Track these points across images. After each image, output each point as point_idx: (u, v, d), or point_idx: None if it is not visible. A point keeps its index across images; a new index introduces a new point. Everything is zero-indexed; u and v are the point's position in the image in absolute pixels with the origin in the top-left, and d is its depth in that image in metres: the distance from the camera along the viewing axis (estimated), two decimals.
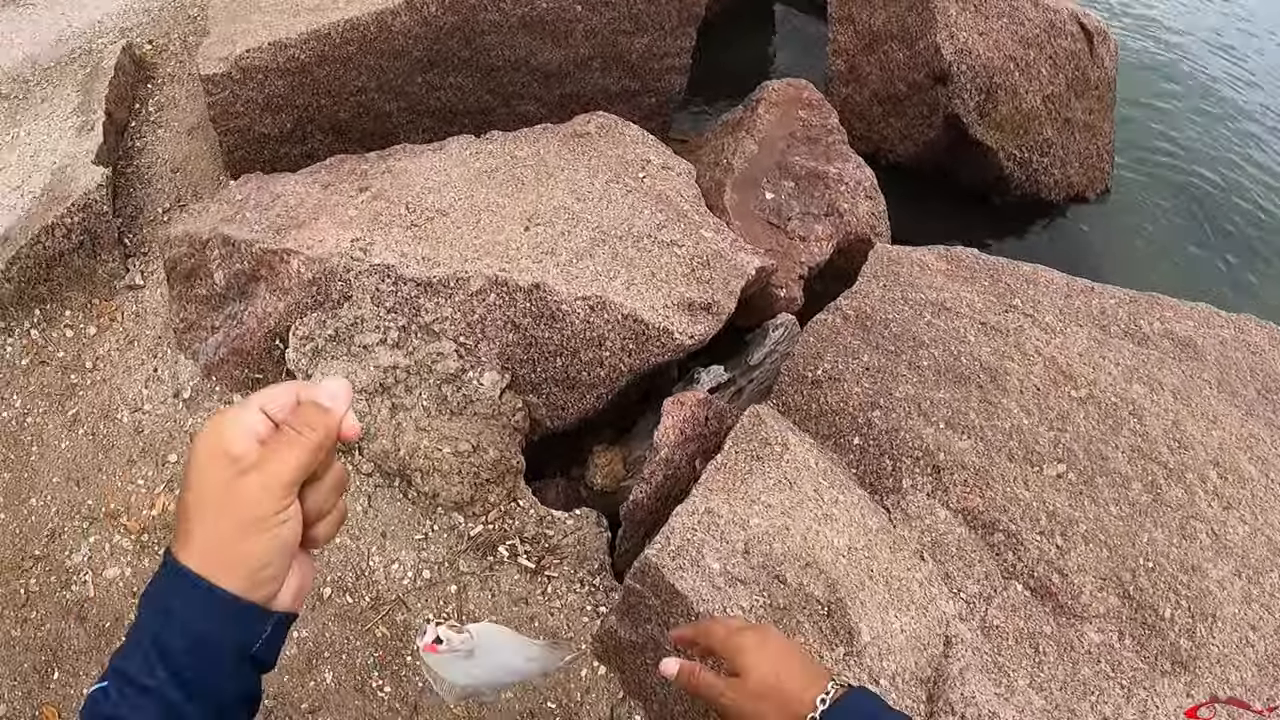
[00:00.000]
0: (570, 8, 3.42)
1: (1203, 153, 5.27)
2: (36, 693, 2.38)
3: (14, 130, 3.62)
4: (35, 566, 2.60)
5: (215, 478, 0.74)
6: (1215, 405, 2.43)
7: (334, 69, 3.24)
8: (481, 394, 2.45)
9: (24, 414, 2.94)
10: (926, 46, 4.20)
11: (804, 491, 2.04)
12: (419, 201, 2.73)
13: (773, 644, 1.15)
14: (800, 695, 1.08)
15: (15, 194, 3.32)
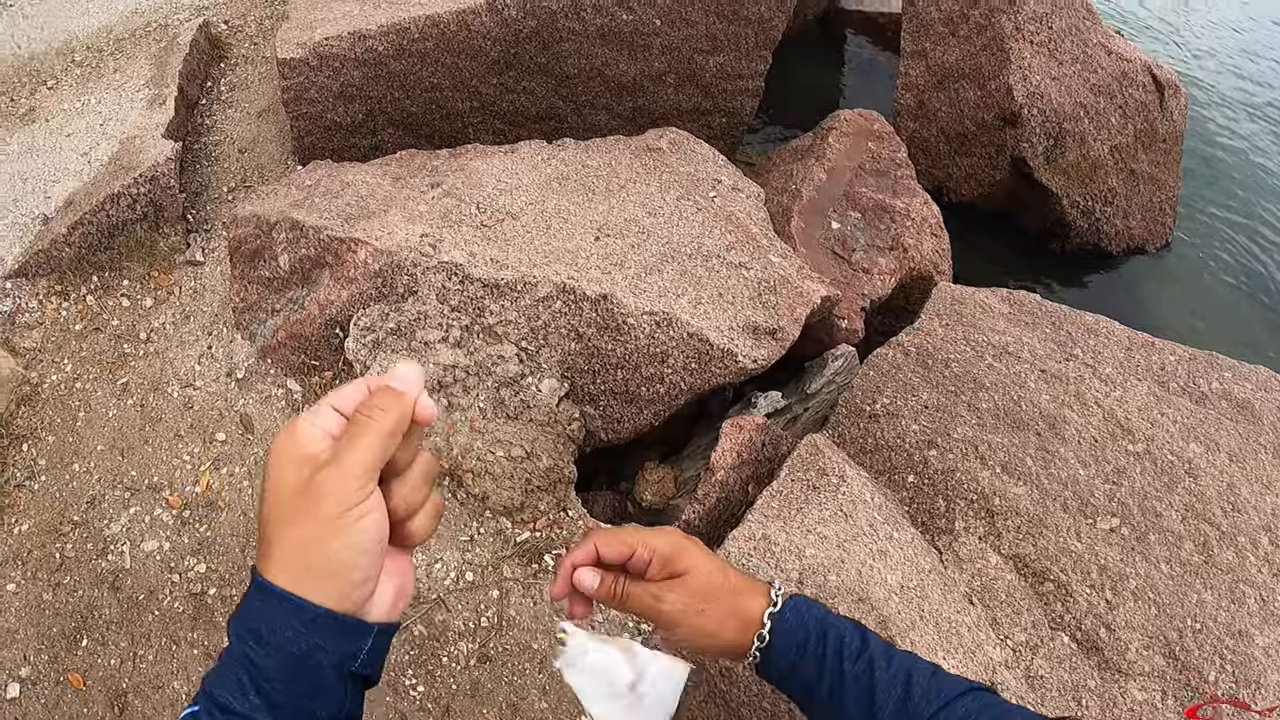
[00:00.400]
0: (649, 22, 3.47)
1: (1267, 214, 5.25)
2: (63, 658, 2.41)
3: (85, 98, 3.70)
4: (73, 532, 2.64)
5: (291, 481, 0.70)
6: (1270, 470, 2.43)
7: (410, 63, 3.29)
8: (539, 401, 2.48)
9: (73, 379, 2.99)
10: (998, 87, 4.22)
11: (859, 525, 2.06)
12: (490, 202, 2.76)
13: (701, 546, 1.06)
14: (749, 590, 1.04)
15: (82, 160, 3.40)
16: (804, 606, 1.04)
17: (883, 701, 0.96)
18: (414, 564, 0.93)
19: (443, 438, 2.49)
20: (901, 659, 1.00)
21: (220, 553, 2.56)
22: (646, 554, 1.01)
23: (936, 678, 0.98)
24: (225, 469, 2.72)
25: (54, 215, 3.22)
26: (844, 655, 1.00)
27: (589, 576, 1.02)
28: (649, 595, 1.01)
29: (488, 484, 2.43)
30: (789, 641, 1.01)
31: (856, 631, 1.03)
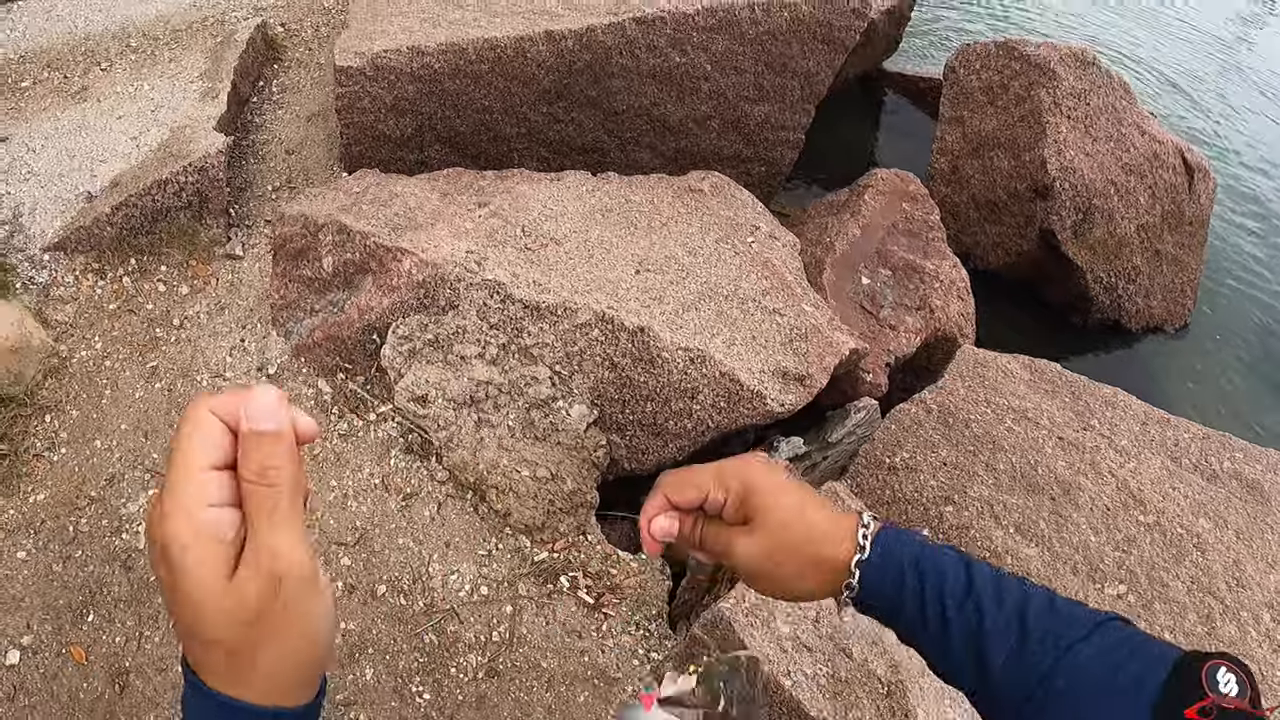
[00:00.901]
0: (701, 66, 3.59)
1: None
2: (67, 630, 2.46)
3: (138, 83, 3.81)
4: (89, 507, 2.70)
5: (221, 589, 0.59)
6: (1276, 550, 2.54)
7: (464, 84, 3.40)
8: (568, 425, 2.57)
9: (103, 356, 3.07)
10: (1033, 159, 4.34)
11: None
12: (535, 227, 2.87)
13: (781, 475, 0.96)
14: (832, 534, 0.92)
15: (131, 143, 3.50)
16: (895, 544, 0.91)
17: (995, 654, 0.84)
18: None
19: (470, 452, 2.57)
20: (1014, 596, 0.86)
21: None
22: (719, 494, 0.94)
23: (1055, 614, 0.84)
24: None
25: (99, 194, 3.31)
26: (946, 599, 0.87)
27: (665, 523, 0.96)
28: (722, 542, 0.94)
29: (511, 501, 2.51)
30: (881, 587, 0.90)
31: (960, 566, 0.90)
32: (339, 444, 2.79)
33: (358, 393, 2.87)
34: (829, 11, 3.68)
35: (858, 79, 5.68)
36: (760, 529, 0.92)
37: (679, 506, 0.97)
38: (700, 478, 0.96)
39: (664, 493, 0.97)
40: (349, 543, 2.58)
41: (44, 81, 3.89)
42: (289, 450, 0.61)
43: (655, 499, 0.97)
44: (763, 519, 0.92)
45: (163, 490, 0.60)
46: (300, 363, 2.98)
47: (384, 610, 2.48)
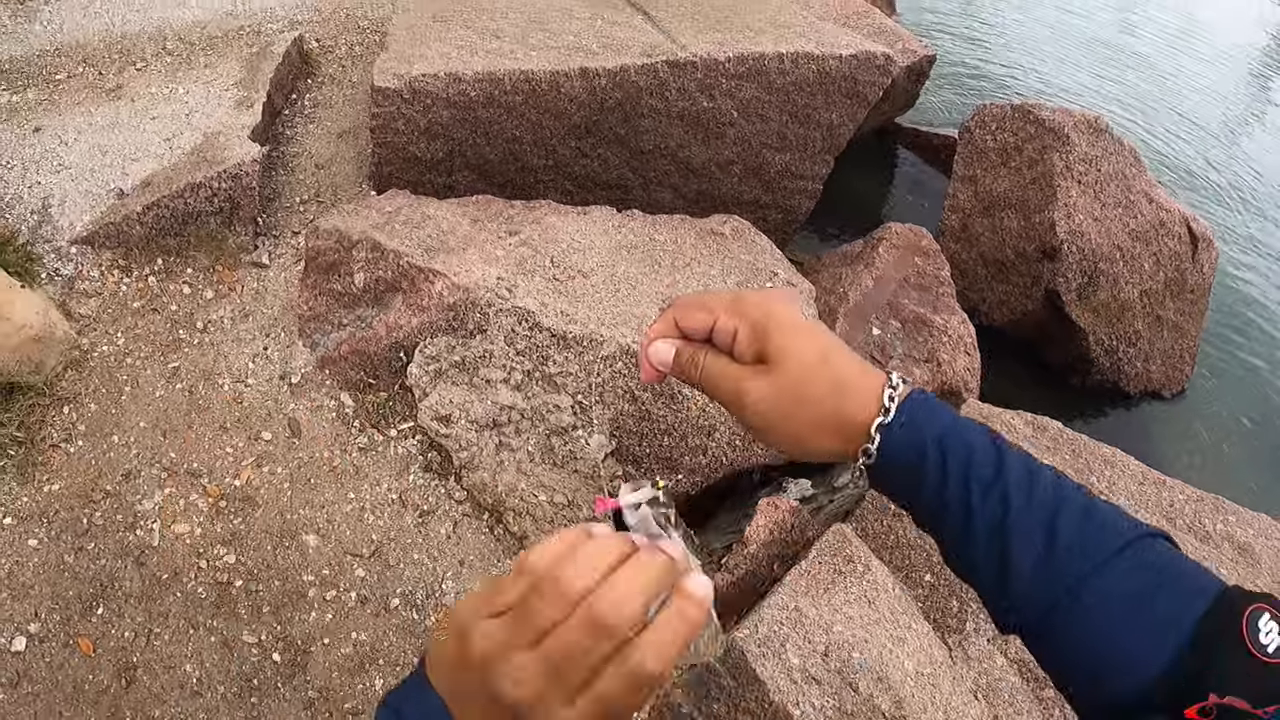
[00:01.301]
0: (728, 113, 3.73)
1: (1278, 375, 5.53)
2: (75, 622, 2.52)
3: (172, 85, 3.92)
4: (104, 501, 2.77)
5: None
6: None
7: (497, 113, 3.53)
8: (586, 453, 2.67)
9: (124, 353, 3.15)
10: (1042, 221, 4.49)
11: (881, 611, 2.25)
12: (564, 258, 2.98)
13: (807, 314, 0.87)
14: (857, 387, 0.81)
15: (164, 144, 3.61)
16: (923, 413, 0.81)
17: (1019, 556, 0.75)
18: None
19: (489, 474, 2.67)
20: (1047, 492, 0.77)
21: (252, 548, 2.70)
22: (731, 324, 0.83)
23: (1090, 522, 0.75)
24: (267, 467, 2.88)
25: (130, 192, 3.40)
26: (971, 485, 0.78)
27: (663, 348, 0.85)
28: (730, 381, 0.83)
29: (528, 524, 2.61)
30: (902, 459, 0.81)
31: (990, 448, 0.80)
32: (359, 457, 2.88)
33: (380, 408, 2.96)
34: (855, 67, 3.83)
35: (874, 132, 5.84)
36: (777, 371, 0.81)
37: (685, 330, 0.85)
38: (713, 300, 0.84)
39: (671, 313, 0.86)
40: (364, 554, 2.67)
41: (78, 76, 3.99)
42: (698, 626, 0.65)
43: (661, 320, 0.87)
44: (781, 360, 0.81)
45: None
46: (324, 374, 3.07)
47: (396, 623, 2.56)
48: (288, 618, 2.55)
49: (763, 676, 2.07)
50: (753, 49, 3.70)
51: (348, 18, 4.54)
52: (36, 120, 3.72)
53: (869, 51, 3.85)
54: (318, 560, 2.66)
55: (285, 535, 2.72)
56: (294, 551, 2.68)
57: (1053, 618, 0.74)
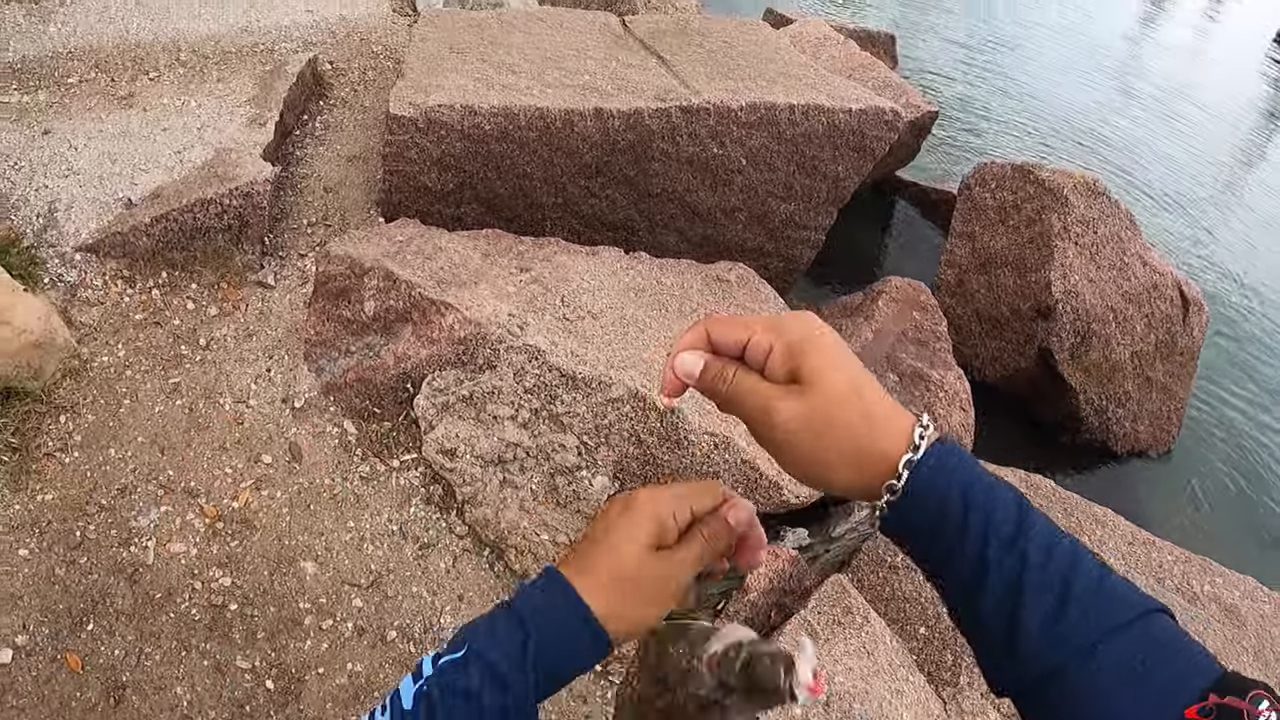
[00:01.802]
0: (736, 160, 3.80)
1: (1267, 436, 5.71)
2: (65, 637, 2.50)
3: (185, 98, 3.96)
4: (98, 515, 2.77)
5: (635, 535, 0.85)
6: (1250, 672, 2.73)
7: (510, 148, 3.58)
8: (590, 494, 2.71)
9: (125, 365, 3.16)
10: (1038, 280, 4.58)
11: (879, 663, 2.30)
12: (574, 298, 3.02)
13: (843, 345, 0.85)
14: (888, 421, 0.80)
15: (175, 157, 3.64)
16: (952, 459, 0.80)
17: (1031, 612, 0.75)
18: None
19: (492, 510, 2.70)
20: (1064, 556, 0.77)
21: (248, 571, 2.72)
22: (766, 341, 0.82)
23: (1103, 592, 0.76)
24: (266, 491, 2.90)
25: (138, 202, 3.43)
26: (990, 538, 0.78)
27: (690, 359, 0.85)
28: (759, 398, 0.82)
29: (529, 562, 2.64)
30: (925, 503, 0.80)
31: (1013, 509, 0.80)
32: (360, 486, 2.90)
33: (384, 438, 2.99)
34: (864, 121, 3.91)
35: (872, 185, 5.94)
36: (810, 392, 0.80)
37: (718, 344, 0.85)
38: (750, 317, 0.84)
39: (705, 325, 0.86)
40: (362, 585, 2.69)
41: (90, 81, 4.02)
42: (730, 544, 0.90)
43: (692, 331, 0.86)
44: (815, 382, 0.80)
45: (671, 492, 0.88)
46: (328, 400, 3.09)
47: (393, 655, 2.58)
48: (282, 645, 2.56)
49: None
50: (765, 98, 3.78)
51: (362, 42, 4.60)
52: (46, 123, 3.74)
53: (878, 107, 3.93)
54: (315, 588, 2.68)
55: (283, 561, 2.73)
56: (291, 578, 2.69)
57: (1054, 682, 0.75)
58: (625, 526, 0.86)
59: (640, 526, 0.85)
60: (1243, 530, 5.01)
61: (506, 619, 0.84)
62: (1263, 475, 5.39)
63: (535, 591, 0.86)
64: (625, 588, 0.85)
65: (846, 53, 5.99)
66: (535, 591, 0.86)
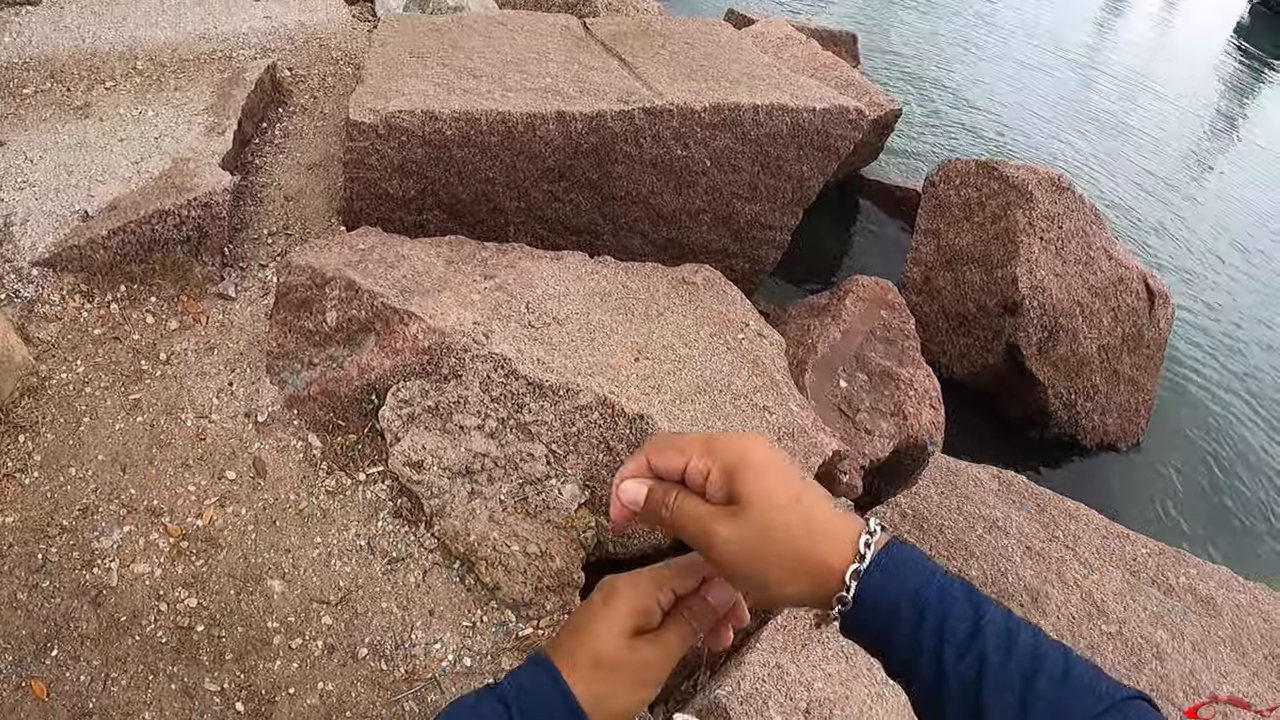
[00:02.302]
0: (700, 161, 3.78)
1: (1234, 427, 5.79)
2: (29, 663, 2.45)
3: (142, 107, 3.90)
4: (60, 537, 2.71)
5: (616, 622, 0.88)
6: (1228, 661, 2.77)
7: (472, 153, 3.55)
8: (560, 503, 2.68)
9: (84, 382, 3.09)
10: (1004, 276, 4.60)
11: (858, 667, 2.29)
12: (539, 304, 3.00)
13: (781, 458, 0.86)
14: (831, 535, 0.81)
15: (132, 168, 3.59)
16: (900, 566, 0.81)
17: (991, 716, 0.75)
18: None
19: (461, 522, 2.66)
20: (1025, 653, 0.77)
21: (214, 591, 2.67)
22: (703, 465, 0.84)
23: (1068, 685, 0.75)
24: (231, 508, 2.85)
25: (95, 214, 3.37)
26: (945, 645, 0.78)
27: (633, 488, 0.88)
28: (699, 523, 0.84)
29: (500, 575, 2.61)
30: (876, 612, 0.81)
31: (967, 609, 0.80)
32: (326, 500, 2.86)
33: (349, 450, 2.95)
34: (828, 120, 3.91)
35: (836, 184, 5.95)
36: (746, 514, 0.81)
37: (657, 470, 0.88)
38: (686, 442, 0.87)
39: (645, 453, 0.89)
40: (331, 601, 2.65)
41: (46, 92, 3.95)
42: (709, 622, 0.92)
43: (634, 460, 0.89)
44: (751, 503, 0.81)
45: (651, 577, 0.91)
46: (292, 414, 3.05)
47: (364, 673, 2.54)
48: (252, 665, 2.52)
49: None
50: (729, 99, 3.76)
51: (321, 48, 4.54)
52: (1, 134, 3.67)
53: (842, 106, 3.92)
54: (283, 606, 2.63)
55: (249, 579, 2.69)
56: (258, 596, 2.65)
57: None
58: (607, 614, 0.88)
59: (621, 613, 0.88)
60: (1215, 520, 5.06)
61: (491, 704, 0.85)
62: (1233, 465, 5.45)
63: (523, 677, 0.87)
64: (609, 675, 0.86)
65: (809, 52, 6.00)
66: (523, 677, 0.87)
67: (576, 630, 0.90)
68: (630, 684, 0.87)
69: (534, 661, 0.88)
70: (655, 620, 0.90)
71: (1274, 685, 2.79)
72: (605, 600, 0.90)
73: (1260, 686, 2.76)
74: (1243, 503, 5.24)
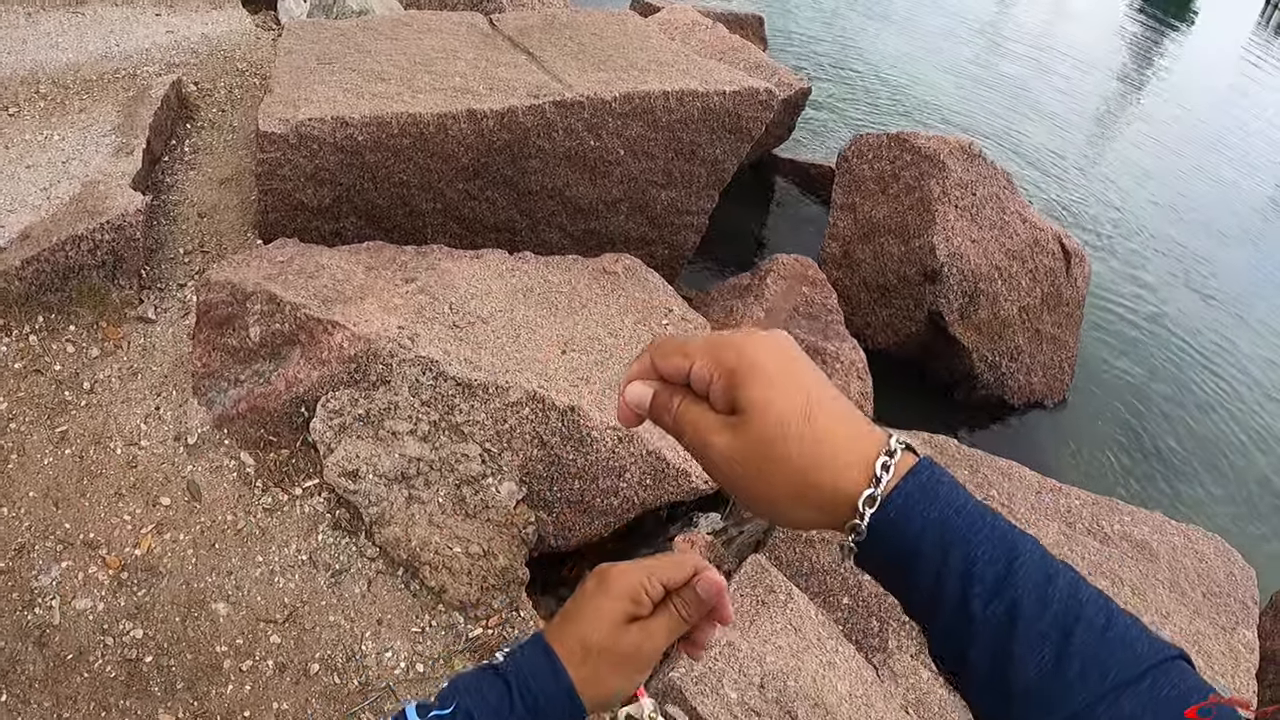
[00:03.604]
0: (614, 151, 3.80)
1: (1155, 378, 6.00)
2: None
3: (47, 131, 3.82)
4: None
5: (608, 608, 0.91)
6: (1167, 602, 2.86)
7: (385, 157, 3.53)
8: (498, 501, 2.70)
9: (8, 419, 3.03)
10: (922, 245, 4.68)
11: (808, 638, 2.34)
12: (463, 304, 3.01)
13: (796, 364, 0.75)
14: (843, 452, 0.72)
15: (41, 195, 3.50)
16: (926, 489, 0.71)
17: (1023, 667, 0.67)
18: None
19: (401, 528, 2.67)
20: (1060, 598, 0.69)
21: (159, 620, 2.64)
22: (706, 370, 0.75)
23: (1106, 641, 0.67)
24: (169, 534, 2.82)
25: (7, 245, 3.28)
26: (973, 587, 0.69)
27: (639, 390, 0.80)
28: (699, 432, 0.76)
29: (445, 578, 2.62)
30: (894, 544, 0.72)
31: (999, 546, 0.70)
32: (264, 518, 2.85)
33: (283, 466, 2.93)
34: (738, 103, 3.95)
35: (750, 165, 6.01)
36: (746, 427, 0.72)
37: (663, 375, 0.80)
38: (691, 344, 0.78)
39: (650, 354, 0.81)
40: (278, 620, 2.64)
41: None
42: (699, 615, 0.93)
43: (639, 361, 0.82)
44: (752, 415, 0.72)
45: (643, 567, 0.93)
46: (223, 434, 3.02)
47: (318, 689, 2.54)
48: (204, 692, 2.50)
49: (704, 714, 2.13)
50: (639, 87, 3.79)
51: (226, 60, 4.48)
52: None
53: (751, 87, 3.97)
54: (230, 629, 2.62)
55: (193, 605, 2.66)
56: (204, 621, 2.63)
57: None
58: (599, 602, 0.91)
59: (612, 600, 0.91)
60: (1143, 468, 5.24)
61: (494, 682, 0.89)
62: (1156, 414, 5.65)
63: (522, 658, 0.91)
64: (600, 659, 0.90)
65: (716, 36, 6.04)
66: (522, 658, 0.91)
67: (571, 616, 0.93)
68: (619, 669, 0.91)
69: (534, 643, 0.92)
70: (646, 609, 0.92)
71: (1215, 621, 2.89)
72: (597, 588, 0.93)
73: (1202, 624, 2.86)
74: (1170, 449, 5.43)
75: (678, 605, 0.92)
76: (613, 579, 0.93)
